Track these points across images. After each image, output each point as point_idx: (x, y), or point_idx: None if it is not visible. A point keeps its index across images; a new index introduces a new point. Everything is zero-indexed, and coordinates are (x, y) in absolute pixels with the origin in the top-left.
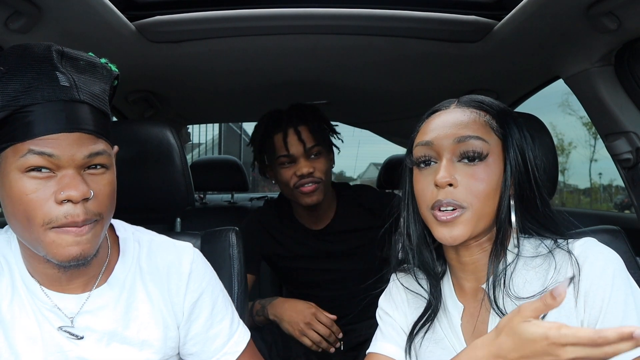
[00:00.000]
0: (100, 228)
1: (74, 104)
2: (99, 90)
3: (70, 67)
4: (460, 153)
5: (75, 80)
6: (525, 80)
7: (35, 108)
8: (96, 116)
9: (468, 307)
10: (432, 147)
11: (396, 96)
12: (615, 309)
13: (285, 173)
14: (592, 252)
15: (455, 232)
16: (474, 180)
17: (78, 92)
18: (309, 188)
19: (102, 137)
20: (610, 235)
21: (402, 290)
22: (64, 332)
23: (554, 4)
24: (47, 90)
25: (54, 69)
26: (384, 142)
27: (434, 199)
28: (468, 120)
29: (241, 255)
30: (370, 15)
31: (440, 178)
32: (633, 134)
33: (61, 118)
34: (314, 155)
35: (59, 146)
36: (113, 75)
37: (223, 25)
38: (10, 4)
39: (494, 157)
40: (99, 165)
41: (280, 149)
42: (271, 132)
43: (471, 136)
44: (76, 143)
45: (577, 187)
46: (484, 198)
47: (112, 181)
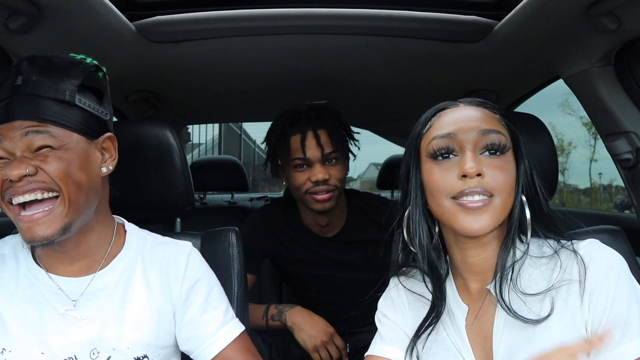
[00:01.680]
0: (62, 205)
1: (20, 97)
2: (65, 84)
3: (34, 70)
4: (484, 146)
5: (33, 78)
6: (525, 80)
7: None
8: (49, 106)
9: (473, 308)
10: (454, 139)
11: (396, 96)
12: (619, 309)
13: (299, 177)
14: (597, 253)
15: (482, 221)
16: (499, 171)
17: (31, 87)
18: (323, 196)
19: (49, 122)
20: (610, 235)
21: (402, 294)
22: (66, 314)
23: (554, 4)
24: (4, 90)
25: (17, 75)
26: (384, 142)
27: (459, 188)
28: (486, 116)
29: (241, 255)
30: (370, 15)
31: (470, 168)
32: (633, 134)
33: (5, 113)
34: (331, 162)
35: (3, 137)
36: (86, 68)
37: (223, 25)
38: (10, 4)
39: (511, 153)
40: (44, 154)
41: (296, 151)
42: (288, 132)
43: (493, 130)
44: (15, 130)
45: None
46: (509, 189)
47: (63, 158)
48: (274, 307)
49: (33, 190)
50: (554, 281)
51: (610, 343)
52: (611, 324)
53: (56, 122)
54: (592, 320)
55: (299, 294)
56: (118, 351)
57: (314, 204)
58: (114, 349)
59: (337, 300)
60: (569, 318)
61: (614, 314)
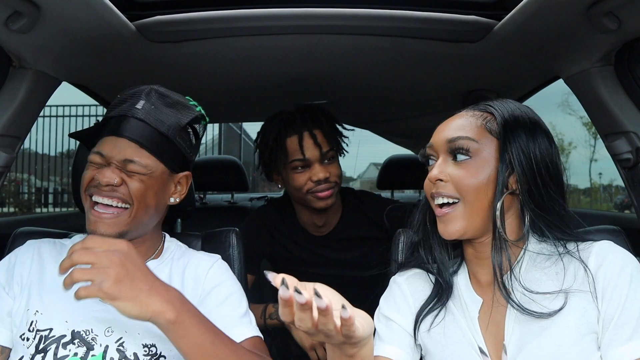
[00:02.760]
0: (128, 216)
1: (134, 119)
2: (172, 120)
3: (154, 100)
4: (450, 151)
5: (151, 107)
6: (525, 80)
7: (112, 121)
8: (150, 134)
9: (486, 300)
10: (432, 147)
11: (396, 96)
12: (631, 308)
13: (299, 178)
14: (611, 253)
15: (450, 227)
16: (462, 174)
17: (141, 112)
18: (325, 193)
19: (145, 149)
20: (610, 235)
21: (404, 286)
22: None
23: (554, 4)
24: (125, 108)
25: (140, 98)
26: (384, 142)
27: (429, 190)
28: (464, 123)
29: (241, 256)
30: (370, 15)
31: (430, 174)
32: (633, 134)
33: (117, 128)
34: (328, 160)
35: (106, 146)
36: (194, 114)
37: (223, 25)
38: (10, 4)
39: (484, 155)
40: (134, 172)
41: (294, 153)
42: (284, 134)
43: (461, 137)
44: (118, 145)
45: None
46: (473, 192)
47: (145, 182)
48: (272, 306)
49: (112, 197)
50: (563, 286)
51: None
52: (622, 321)
53: (153, 152)
54: (604, 315)
55: None
56: (129, 334)
57: (317, 202)
58: (126, 332)
59: None
60: (582, 310)
61: (626, 311)
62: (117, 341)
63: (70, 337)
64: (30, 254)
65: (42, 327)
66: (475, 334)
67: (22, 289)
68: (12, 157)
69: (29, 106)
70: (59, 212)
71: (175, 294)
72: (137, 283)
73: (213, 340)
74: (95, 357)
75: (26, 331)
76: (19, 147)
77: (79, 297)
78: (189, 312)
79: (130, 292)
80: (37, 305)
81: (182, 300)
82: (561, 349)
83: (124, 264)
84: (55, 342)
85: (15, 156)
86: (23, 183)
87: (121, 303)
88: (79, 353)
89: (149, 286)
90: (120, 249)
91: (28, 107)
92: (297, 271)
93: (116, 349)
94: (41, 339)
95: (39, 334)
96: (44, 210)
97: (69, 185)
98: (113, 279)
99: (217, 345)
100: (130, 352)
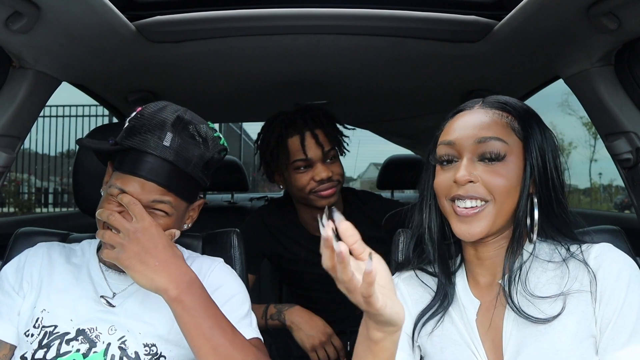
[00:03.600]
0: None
1: (163, 161)
2: (197, 155)
3: (181, 135)
4: (480, 153)
5: (179, 142)
6: (525, 80)
7: (136, 153)
8: (177, 176)
9: (483, 302)
10: (454, 146)
11: (396, 96)
12: (629, 312)
13: (302, 178)
14: (610, 256)
15: (474, 228)
16: (493, 176)
17: (169, 152)
18: (328, 192)
19: (172, 192)
20: (610, 235)
21: (403, 290)
22: (102, 299)
23: (554, 4)
24: (152, 143)
25: (167, 130)
26: (384, 142)
27: (453, 192)
28: (489, 122)
29: (242, 257)
30: (370, 15)
31: (461, 177)
32: (633, 134)
33: (143, 167)
34: (330, 159)
35: (132, 186)
36: (218, 148)
37: (223, 25)
38: (10, 4)
39: (514, 157)
40: (159, 210)
41: (296, 153)
42: (285, 135)
43: (491, 137)
44: (146, 188)
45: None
46: (504, 193)
47: (167, 221)
48: (273, 306)
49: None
50: (564, 288)
51: None
52: (619, 325)
53: (178, 192)
54: (602, 319)
55: (298, 293)
56: (131, 333)
57: (319, 201)
58: (128, 331)
59: (336, 299)
60: (580, 314)
61: (623, 315)
62: (120, 339)
63: (75, 334)
64: (40, 255)
65: (47, 324)
66: (473, 336)
67: (32, 288)
68: (12, 157)
69: (29, 106)
70: (59, 212)
71: (185, 276)
72: (147, 259)
73: (212, 325)
74: (97, 354)
75: (31, 327)
76: (19, 147)
77: (104, 257)
78: (192, 295)
79: (139, 266)
80: (45, 304)
81: (191, 282)
82: (559, 353)
83: (140, 240)
84: (59, 338)
85: (15, 156)
86: (23, 183)
87: (131, 272)
88: (81, 349)
89: (160, 263)
90: (142, 226)
91: (28, 107)
92: (298, 271)
93: (118, 346)
94: (45, 335)
95: (43, 330)
96: (44, 210)
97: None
98: (128, 251)
99: (215, 331)
100: (131, 351)
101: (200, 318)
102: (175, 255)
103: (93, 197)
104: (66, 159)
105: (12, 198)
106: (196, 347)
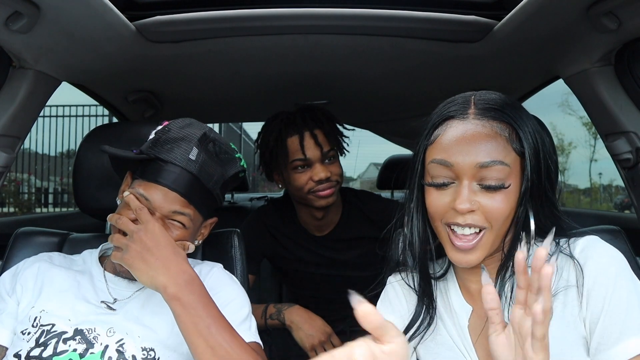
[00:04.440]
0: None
1: (188, 174)
2: (218, 174)
3: (206, 152)
4: (481, 179)
5: (204, 158)
6: (525, 80)
7: (162, 163)
8: (198, 189)
9: (476, 308)
10: (452, 169)
11: (396, 96)
12: (617, 309)
13: (300, 178)
14: (595, 251)
15: (471, 257)
16: (494, 204)
17: (193, 166)
18: (327, 192)
19: (192, 204)
20: (610, 235)
21: (398, 288)
22: (102, 304)
23: (554, 4)
24: (178, 155)
25: (193, 145)
26: (384, 142)
27: (451, 218)
28: (491, 142)
29: (243, 257)
30: (370, 15)
31: (463, 208)
32: (633, 134)
33: (168, 177)
34: (329, 160)
35: (155, 194)
36: (238, 168)
37: (223, 25)
38: (10, 4)
39: (513, 178)
40: (177, 221)
41: (295, 153)
42: (284, 134)
43: (494, 161)
44: (169, 198)
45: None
46: (503, 220)
47: (184, 233)
48: (273, 306)
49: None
50: (551, 288)
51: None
52: (608, 322)
53: (198, 206)
54: (590, 318)
55: (298, 293)
56: (130, 336)
57: (318, 201)
58: (127, 333)
59: (335, 298)
60: (569, 317)
61: (611, 312)
62: (118, 342)
63: (72, 333)
64: (39, 263)
65: (45, 322)
66: (466, 343)
67: (31, 290)
68: (12, 157)
69: (29, 106)
70: (59, 212)
71: (184, 274)
72: (148, 257)
73: (211, 325)
74: (94, 355)
75: (29, 326)
76: (19, 147)
77: (112, 259)
78: (192, 294)
79: (140, 264)
80: (44, 305)
81: (190, 281)
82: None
83: (143, 240)
84: (56, 337)
85: (15, 156)
86: (23, 183)
87: (133, 271)
88: (78, 349)
89: (160, 261)
90: (144, 226)
91: (28, 107)
92: (298, 271)
93: (116, 349)
94: (42, 333)
95: (41, 329)
96: (44, 210)
97: (69, 185)
98: (131, 251)
99: (214, 330)
100: (129, 354)
101: (199, 317)
102: (176, 254)
103: (93, 197)
104: (66, 159)
105: (12, 198)
106: (194, 346)
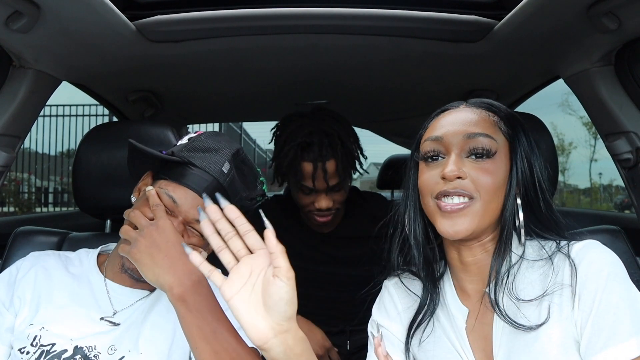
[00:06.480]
0: None
1: (214, 180)
2: (241, 192)
3: (236, 168)
4: (469, 149)
5: (234, 174)
6: (525, 80)
7: (194, 169)
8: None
9: (472, 310)
10: (441, 142)
11: (396, 96)
12: (605, 313)
13: (304, 199)
14: (590, 254)
15: (459, 225)
16: (481, 172)
17: (224, 178)
18: (323, 220)
19: None
20: (610, 235)
21: (393, 291)
22: (104, 320)
23: (554, 4)
24: (212, 165)
25: (226, 158)
26: (384, 142)
27: (439, 189)
28: (478, 119)
29: None
30: (370, 15)
31: (449, 172)
32: (633, 134)
33: (201, 184)
34: (335, 189)
35: (183, 197)
36: (258, 192)
37: (223, 24)
38: (10, 4)
39: (501, 156)
40: (197, 229)
41: (305, 179)
42: (300, 157)
43: (480, 133)
44: (195, 204)
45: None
46: (491, 191)
47: (200, 244)
48: None
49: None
50: (548, 286)
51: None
52: (596, 326)
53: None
54: (580, 321)
55: (298, 291)
56: (132, 353)
57: (315, 221)
58: (129, 350)
59: (335, 297)
60: (566, 321)
61: (599, 316)
62: None
63: (72, 352)
64: (34, 268)
65: (46, 342)
66: (464, 345)
67: (25, 304)
68: (12, 157)
69: (29, 106)
70: (59, 211)
71: (192, 275)
72: (156, 254)
73: (215, 329)
74: None
75: (28, 345)
76: (19, 147)
77: (119, 251)
78: (198, 295)
79: (147, 260)
80: (43, 321)
81: (197, 282)
82: None
83: (152, 235)
84: (56, 357)
85: (15, 156)
86: (23, 183)
87: (139, 266)
88: None
89: (169, 262)
90: (156, 222)
91: (28, 107)
92: (300, 269)
93: None
94: (42, 354)
95: (41, 349)
96: (44, 210)
97: (69, 184)
98: (140, 245)
99: (218, 335)
100: None
101: (204, 320)
102: (185, 254)
103: (93, 196)
104: (66, 159)
105: (12, 197)
106: (197, 350)
